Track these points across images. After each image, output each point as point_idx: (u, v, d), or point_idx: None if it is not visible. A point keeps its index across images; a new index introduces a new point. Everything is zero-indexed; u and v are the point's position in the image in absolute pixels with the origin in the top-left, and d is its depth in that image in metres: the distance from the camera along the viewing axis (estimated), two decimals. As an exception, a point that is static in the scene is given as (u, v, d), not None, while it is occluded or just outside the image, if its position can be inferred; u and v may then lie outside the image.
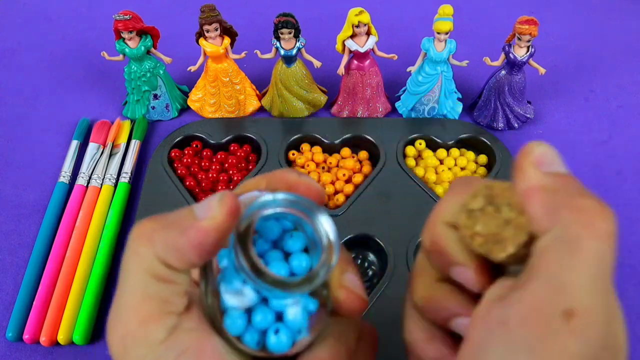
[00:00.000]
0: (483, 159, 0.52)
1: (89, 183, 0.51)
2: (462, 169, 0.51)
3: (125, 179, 0.51)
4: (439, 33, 0.50)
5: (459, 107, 0.56)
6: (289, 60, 0.53)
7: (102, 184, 0.51)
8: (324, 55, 0.55)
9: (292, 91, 0.55)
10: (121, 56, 0.54)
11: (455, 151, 0.52)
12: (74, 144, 0.54)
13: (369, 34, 0.51)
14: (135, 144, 0.54)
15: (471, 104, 0.57)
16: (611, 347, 0.16)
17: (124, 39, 0.52)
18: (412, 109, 0.56)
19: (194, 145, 0.53)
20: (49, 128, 0.58)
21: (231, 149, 0.54)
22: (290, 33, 0.50)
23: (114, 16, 0.51)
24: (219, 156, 0.53)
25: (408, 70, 0.54)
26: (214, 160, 0.53)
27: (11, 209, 0.51)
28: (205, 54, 0.53)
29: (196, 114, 0.58)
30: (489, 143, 0.52)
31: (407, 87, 0.55)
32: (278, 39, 0.51)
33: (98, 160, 0.53)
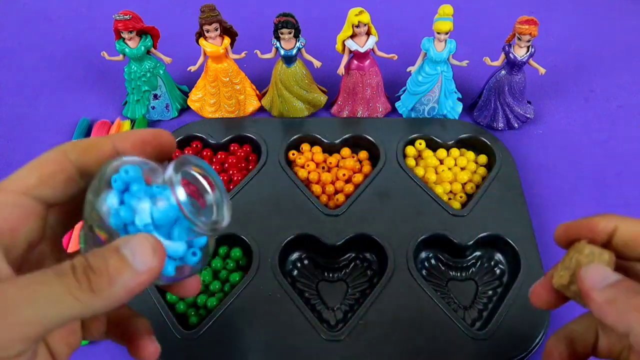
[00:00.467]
0: (483, 159, 0.52)
1: (89, 183, 0.51)
2: (462, 169, 0.51)
3: (125, 179, 0.51)
4: (439, 33, 0.50)
5: (459, 107, 0.56)
6: (289, 60, 0.53)
7: (102, 184, 0.51)
8: (324, 55, 0.55)
9: (292, 91, 0.55)
10: (121, 56, 0.54)
11: (455, 151, 0.52)
12: (74, 144, 0.54)
13: (369, 34, 0.51)
14: (135, 144, 0.54)
15: (471, 104, 0.58)
16: None
17: (124, 39, 0.52)
18: (412, 109, 0.56)
19: (194, 145, 0.53)
20: (49, 128, 0.58)
21: (231, 149, 0.54)
22: (290, 33, 0.50)
23: (114, 16, 0.51)
24: (219, 156, 0.53)
25: (408, 70, 0.54)
26: (214, 160, 0.53)
27: (11, 209, 0.51)
28: (205, 54, 0.53)
29: (196, 114, 0.58)
30: (489, 143, 0.52)
31: (407, 87, 0.55)
32: (278, 39, 0.51)
33: (98, 160, 0.53)
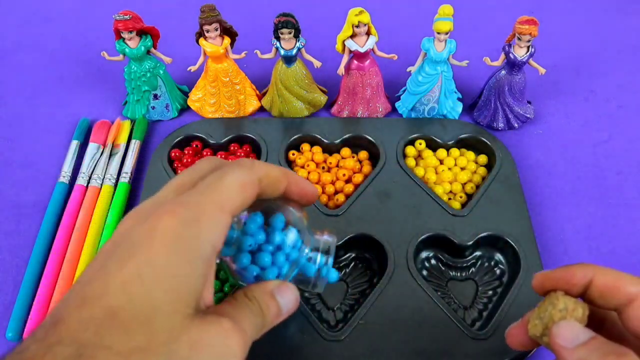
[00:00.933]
0: (483, 159, 0.52)
1: (89, 183, 0.51)
2: (462, 169, 0.51)
3: (125, 179, 0.51)
4: (439, 33, 0.50)
5: (459, 107, 0.56)
6: (289, 60, 0.53)
7: (102, 184, 0.51)
8: (324, 55, 0.55)
9: (292, 91, 0.55)
10: (121, 56, 0.54)
11: (455, 151, 0.52)
12: (74, 144, 0.54)
13: (369, 34, 0.51)
14: (135, 144, 0.54)
15: (471, 104, 0.58)
16: None
17: (124, 39, 0.52)
18: (412, 109, 0.56)
19: (194, 145, 0.53)
20: (49, 128, 0.58)
21: (231, 149, 0.54)
22: (290, 33, 0.50)
23: (114, 16, 0.51)
24: (219, 156, 0.53)
25: (408, 70, 0.54)
26: (214, 160, 0.53)
27: (11, 209, 0.51)
28: (205, 54, 0.53)
29: (196, 114, 0.58)
30: (489, 143, 0.52)
31: (407, 87, 0.55)
32: (278, 39, 0.51)
33: (98, 160, 0.53)
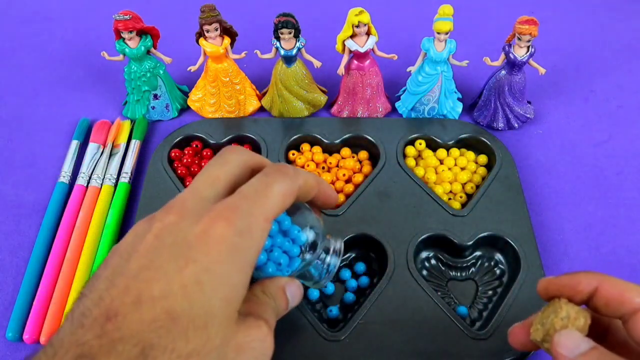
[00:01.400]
0: (483, 159, 0.52)
1: (89, 183, 0.51)
2: (462, 169, 0.51)
3: (125, 179, 0.51)
4: (439, 33, 0.50)
5: (459, 107, 0.56)
6: (289, 60, 0.53)
7: (102, 184, 0.51)
8: (324, 55, 0.55)
9: (292, 91, 0.55)
10: (121, 56, 0.54)
11: (455, 151, 0.52)
12: (74, 144, 0.54)
13: (369, 34, 0.51)
14: (135, 144, 0.54)
15: (471, 104, 0.58)
16: None
17: (124, 39, 0.52)
18: (412, 109, 0.56)
19: (194, 145, 0.53)
20: (49, 128, 0.58)
21: (231, 149, 0.53)
22: (290, 33, 0.50)
23: (114, 16, 0.51)
24: (219, 156, 0.53)
25: (408, 70, 0.54)
26: (214, 160, 0.53)
27: (11, 209, 0.51)
28: (205, 54, 0.53)
29: (196, 114, 0.58)
30: (489, 143, 0.52)
31: (407, 87, 0.55)
32: (278, 39, 0.51)
33: (98, 160, 0.53)
